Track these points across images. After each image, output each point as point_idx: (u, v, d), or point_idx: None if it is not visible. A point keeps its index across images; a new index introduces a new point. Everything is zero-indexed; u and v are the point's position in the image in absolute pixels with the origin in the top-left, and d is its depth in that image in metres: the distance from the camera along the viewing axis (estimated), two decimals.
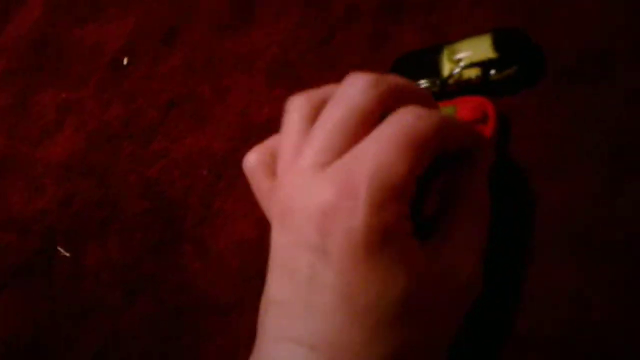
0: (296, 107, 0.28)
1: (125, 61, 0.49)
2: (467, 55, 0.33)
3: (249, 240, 0.36)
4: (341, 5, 0.41)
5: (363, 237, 0.23)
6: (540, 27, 0.32)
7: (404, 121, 0.24)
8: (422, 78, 0.34)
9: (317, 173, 0.24)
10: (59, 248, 0.42)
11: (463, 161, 0.27)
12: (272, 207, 0.28)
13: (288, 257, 0.25)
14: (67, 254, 0.42)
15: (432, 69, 0.34)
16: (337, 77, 0.39)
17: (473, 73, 0.32)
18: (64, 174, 0.46)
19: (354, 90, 0.25)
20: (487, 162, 0.27)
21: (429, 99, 0.27)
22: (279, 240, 0.25)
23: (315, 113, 0.27)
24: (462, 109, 0.33)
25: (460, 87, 0.33)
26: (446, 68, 0.33)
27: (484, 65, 0.32)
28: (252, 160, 0.30)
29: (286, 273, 0.25)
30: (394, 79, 0.26)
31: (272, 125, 0.40)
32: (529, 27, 0.32)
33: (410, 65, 0.35)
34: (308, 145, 0.25)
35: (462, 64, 0.33)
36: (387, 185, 0.23)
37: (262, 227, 0.36)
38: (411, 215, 0.24)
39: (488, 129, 0.32)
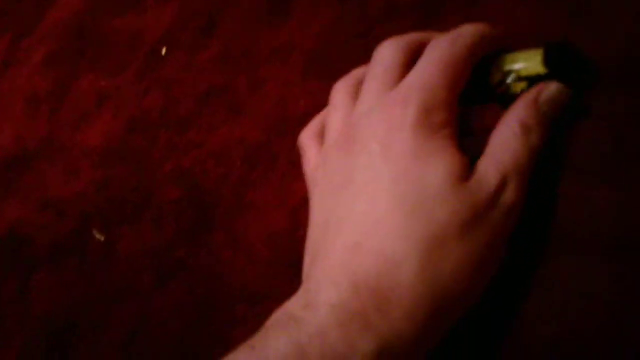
0: (339, 87, 0.34)
1: (163, 51, 0.50)
2: (517, 67, 0.32)
3: (281, 231, 0.37)
4: (379, 1, 0.40)
5: (411, 131, 0.27)
6: (584, 28, 0.32)
7: (439, 47, 0.29)
8: (470, 85, 0.34)
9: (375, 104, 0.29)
10: (94, 231, 0.43)
11: None
12: (317, 171, 0.32)
13: (344, 173, 0.29)
14: (102, 238, 0.43)
15: (481, 77, 0.33)
16: None
17: (519, 87, 0.32)
18: (101, 159, 0.47)
19: (383, 53, 0.32)
20: None
21: None
22: (337, 163, 0.30)
23: (356, 90, 0.32)
24: None
25: (505, 99, 0.32)
26: (495, 77, 0.33)
27: (532, 80, 0.31)
28: (305, 132, 0.35)
29: (340, 187, 0.29)
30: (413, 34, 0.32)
31: (307, 118, 0.40)
32: (572, 27, 0.32)
33: None
34: (361, 97, 0.31)
35: (511, 76, 0.32)
36: (434, 97, 0.28)
37: (294, 219, 0.37)
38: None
39: None
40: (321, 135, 0.33)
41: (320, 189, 0.30)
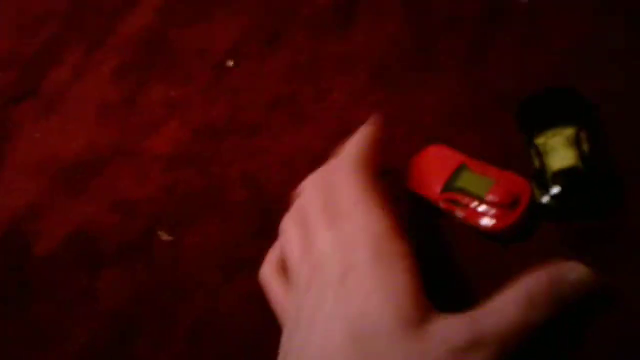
0: (287, 220, 0.35)
1: (230, 63, 0.52)
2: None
3: None
4: (442, 11, 0.42)
5: (369, 263, 0.28)
6: None
7: None
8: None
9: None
10: (161, 232, 0.45)
11: None
12: (289, 305, 0.32)
13: (309, 310, 0.29)
14: (170, 238, 0.44)
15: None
16: (436, 81, 0.40)
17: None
18: (169, 164, 0.49)
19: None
20: None
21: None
22: (302, 301, 0.30)
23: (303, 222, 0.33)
24: (499, 186, 0.33)
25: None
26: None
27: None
28: (266, 270, 0.36)
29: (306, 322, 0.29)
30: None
31: None
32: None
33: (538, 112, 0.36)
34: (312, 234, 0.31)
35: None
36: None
37: None
38: None
39: (513, 215, 0.33)
40: (280, 268, 0.35)
41: (288, 325, 0.31)
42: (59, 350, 0.44)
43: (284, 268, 0.34)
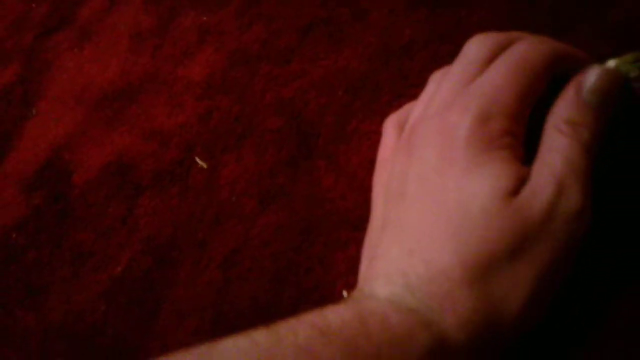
0: (435, 75, 0.32)
1: None
2: None
3: None
4: None
5: (465, 142, 0.26)
6: None
7: (516, 51, 0.27)
8: None
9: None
10: (197, 159, 0.45)
11: None
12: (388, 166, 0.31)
13: (402, 180, 0.28)
14: (205, 165, 0.44)
15: None
16: None
17: None
18: (203, 91, 0.48)
19: (468, 49, 0.29)
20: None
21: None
22: (397, 166, 0.29)
23: None
24: None
25: None
26: None
27: None
28: (392, 118, 0.34)
29: (398, 195, 0.28)
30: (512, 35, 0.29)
31: (413, 47, 0.39)
32: None
33: None
34: (435, 95, 0.29)
35: None
36: (496, 103, 0.26)
37: None
38: None
39: None
40: (404, 124, 0.33)
41: (383, 191, 0.30)
42: (102, 276, 0.45)
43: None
